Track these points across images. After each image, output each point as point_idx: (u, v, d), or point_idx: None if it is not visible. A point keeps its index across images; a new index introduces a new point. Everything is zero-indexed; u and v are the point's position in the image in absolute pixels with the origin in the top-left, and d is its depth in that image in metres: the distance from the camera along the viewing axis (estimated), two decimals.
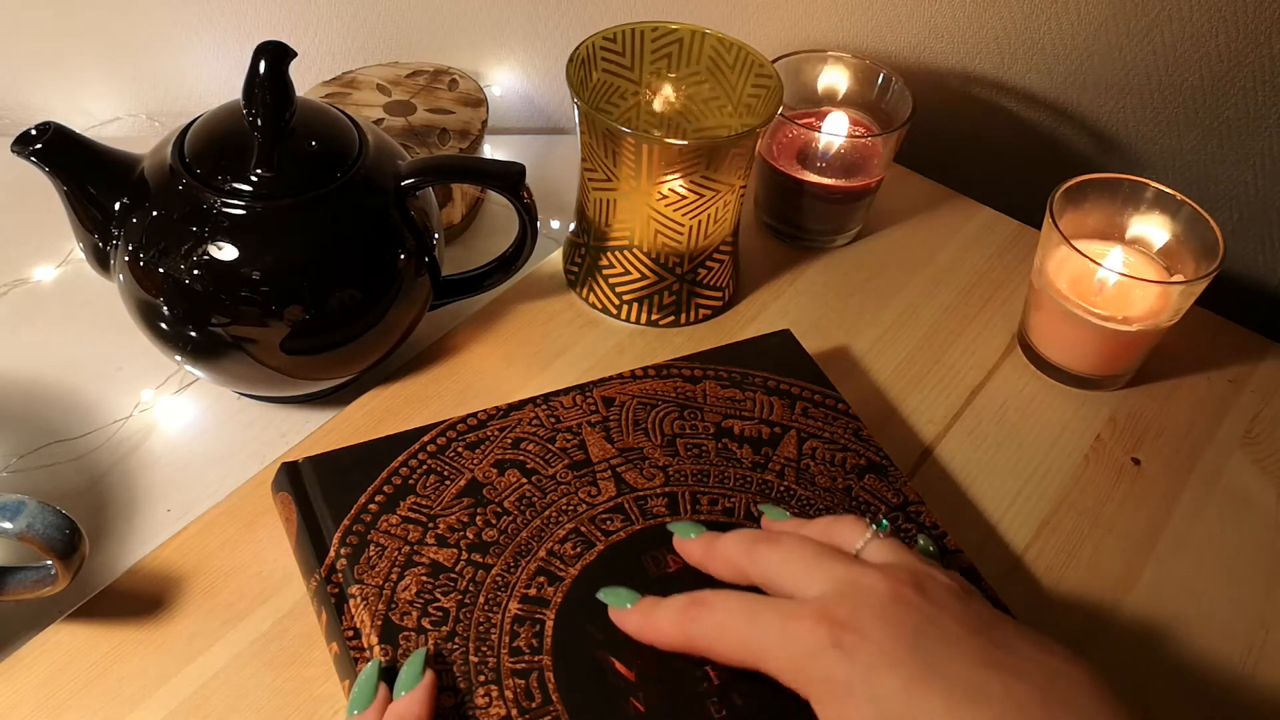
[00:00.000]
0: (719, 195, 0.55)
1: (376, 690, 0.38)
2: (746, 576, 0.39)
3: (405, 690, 0.37)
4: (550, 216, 0.68)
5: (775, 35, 0.72)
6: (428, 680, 0.37)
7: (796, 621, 0.35)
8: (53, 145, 0.47)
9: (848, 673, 0.33)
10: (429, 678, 0.38)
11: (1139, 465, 0.55)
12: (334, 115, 0.51)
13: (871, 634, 0.34)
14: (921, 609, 0.35)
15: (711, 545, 0.41)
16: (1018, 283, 0.64)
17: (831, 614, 0.35)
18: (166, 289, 0.47)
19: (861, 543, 0.38)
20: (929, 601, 0.35)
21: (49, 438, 0.52)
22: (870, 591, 0.35)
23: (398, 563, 0.42)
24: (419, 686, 0.37)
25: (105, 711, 0.41)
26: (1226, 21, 0.64)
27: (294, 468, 0.45)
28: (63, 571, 0.40)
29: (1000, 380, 0.58)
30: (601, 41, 0.57)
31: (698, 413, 0.49)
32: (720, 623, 0.37)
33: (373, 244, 0.49)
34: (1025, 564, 0.50)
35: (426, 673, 0.38)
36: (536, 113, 0.77)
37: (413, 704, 0.37)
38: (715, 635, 0.37)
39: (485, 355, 0.57)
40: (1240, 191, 0.70)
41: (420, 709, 0.37)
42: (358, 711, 0.37)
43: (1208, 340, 0.61)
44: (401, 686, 0.37)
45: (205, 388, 0.55)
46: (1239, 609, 0.49)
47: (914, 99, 0.62)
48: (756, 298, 0.62)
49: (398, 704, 0.37)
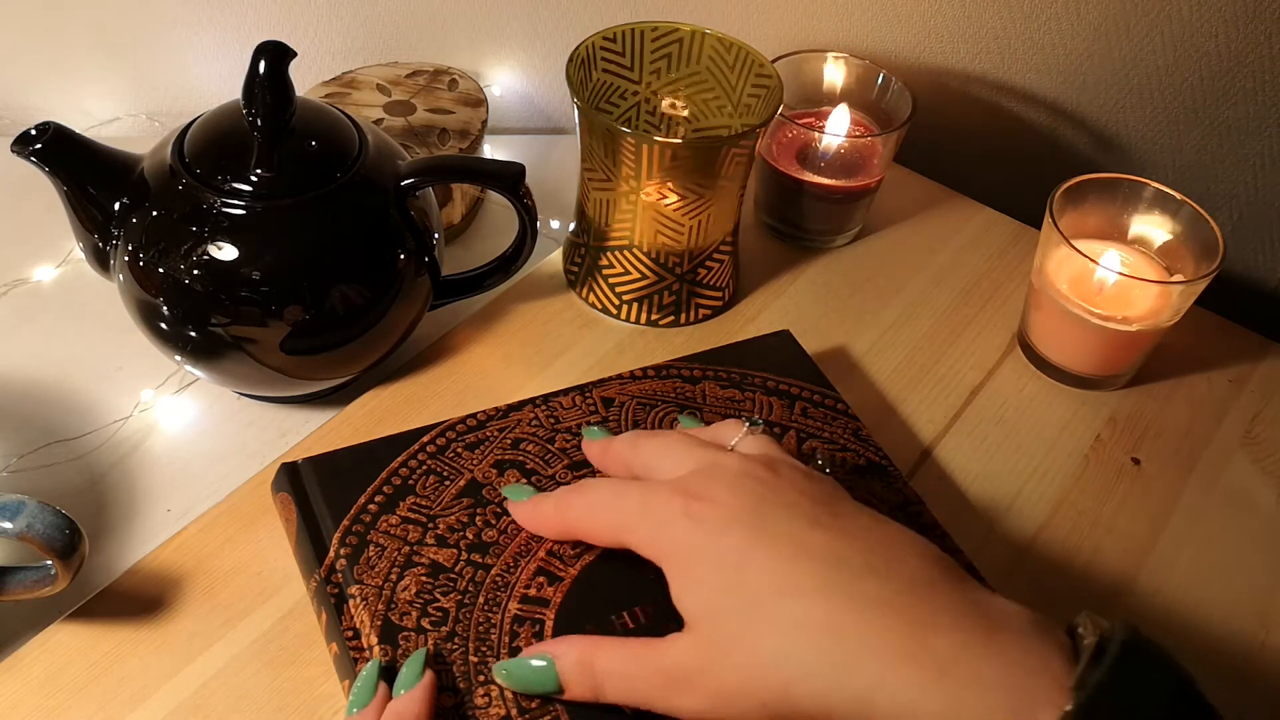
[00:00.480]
0: (719, 195, 0.55)
1: (376, 690, 0.38)
2: (629, 466, 0.42)
3: (405, 689, 0.37)
4: (550, 216, 0.68)
5: (775, 35, 0.72)
6: (427, 680, 0.38)
7: (655, 494, 0.38)
8: (53, 145, 0.47)
9: (695, 536, 0.36)
10: (429, 677, 0.38)
11: (1139, 465, 0.55)
12: (334, 115, 0.51)
13: (719, 500, 0.36)
14: (767, 481, 0.37)
15: (608, 444, 0.44)
16: (1018, 283, 0.64)
17: (687, 487, 0.37)
18: (166, 289, 0.47)
19: (736, 438, 0.41)
20: (776, 475, 0.38)
21: (49, 438, 0.52)
22: (725, 469, 0.38)
23: (397, 563, 0.42)
24: (418, 686, 0.37)
25: (105, 711, 0.41)
26: (1226, 21, 0.64)
27: (294, 468, 0.45)
28: (63, 571, 0.40)
29: (1000, 380, 0.58)
30: (601, 41, 0.57)
31: (697, 413, 0.49)
32: (590, 503, 0.40)
33: (373, 244, 0.49)
34: (1025, 564, 0.50)
35: (426, 672, 0.38)
36: (536, 113, 0.77)
37: (412, 703, 0.37)
38: (587, 515, 0.40)
39: (485, 355, 0.57)
40: (1240, 191, 0.70)
41: (419, 708, 0.37)
42: (358, 710, 0.37)
43: (1208, 340, 0.61)
44: (401, 686, 0.38)
45: (205, 388, 0.55)
46: (1239, 609, 0.49)
47: (914, 99, 0.62)
48: (756, 298, 0.62)
49: (396, 703, 0.37)
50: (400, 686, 0.38)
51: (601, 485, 0.41)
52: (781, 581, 0.34)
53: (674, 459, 0.40)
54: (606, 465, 0.44)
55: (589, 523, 0.40)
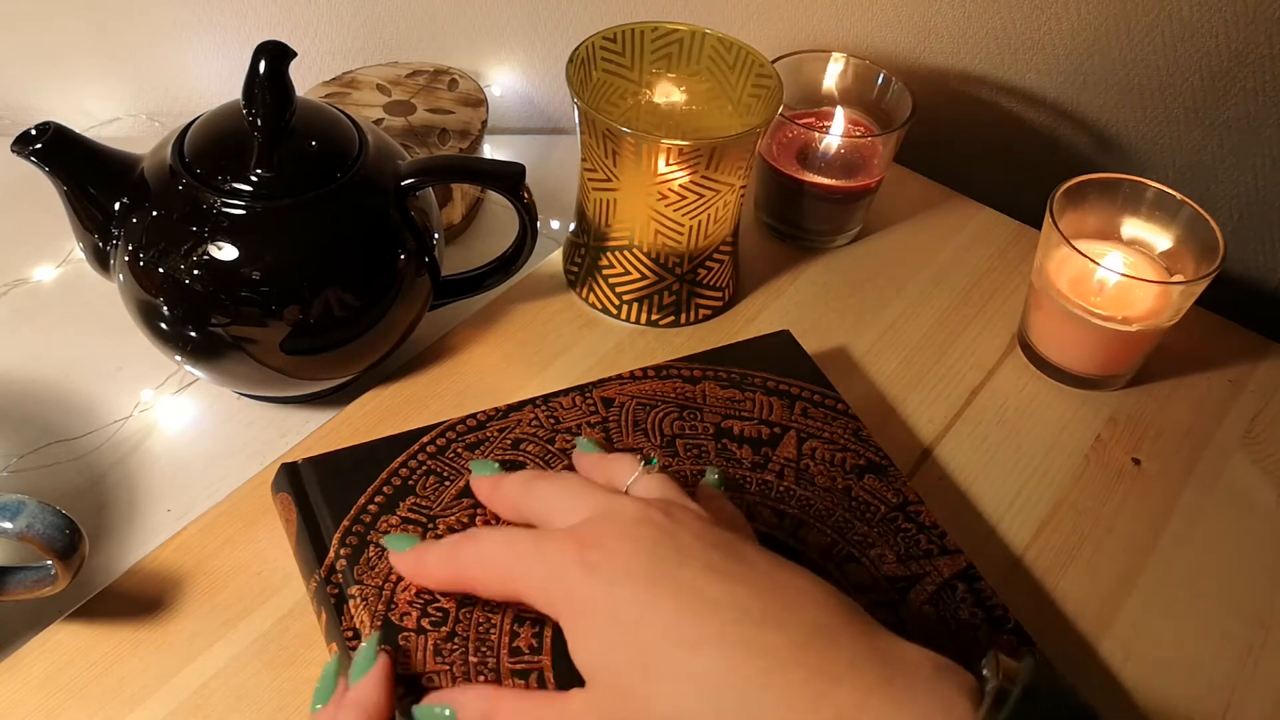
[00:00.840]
0: (719, 195, 0.55)
1: (336, 685, 0.38)
2: (520, 511, 0.40)
3: (360, 676, 0.37)
4: (550, 216, 0.68)
5: (775, 35, 0.72)
6: (382, 663, 0.38)
7: (548, 544, 0.36)
8: (53, 145, 0.47)
9: (590, 588, 0.35)
10: (383, 661, 0.38)
11: (1139, 465, 0.55)
12: (334, 115, 0.51)
13: (614, 549, 0.35)
14: (664, 527, 0.36)
15: (497, 484, 0.42)
16: (1018, 283, 0.64)
17: (580, 535, 0.36)
18: (166, 289, 0.47)
19: (631, 479, 0.40)
20: (672, 521, 0.36)
21: (49, 438, 0.52)
22: (620, 516, 0.36)
23: None
24: (373, 670, 0.37)
25: (105, 711, 0.41)
26: (1226, 21, 0.64)
27: (294, 468, 0.45)
28: (63, 571, 0.40)
29: (1000, 380, 0.58)
30: (601, 41, 0.57)
31: (697, 413, 0.49)
32: (482, 553, 0.38)
33: (373, 244, 0.49)
34: (1025, 564, 0.50)
35: (380, 656, 0.38)
36: (536, 113, 0.77)
37: (369, 689, 0.37)
38: (478, 566, 0.38)
39: (485, 355, 0.57)
40: (1240, 191, 0.70)
41: (376, 693, 0.37)
42: (321, 706, 0.37)
43: (1208, 340, 0.61)
44: (356, 673, 0.37)
45: (205, 388, 0.55)
46: (1239, 609, 0.49)
47: (914, 99, 0.62)
48: (756, 298, 0.62)
49: (354, 690, 0.37)
50: (355, 674, 0.37)
51: (493, 535, 0.38)
52: (679, 634, 0.33)
53: (567, 504, 0.38)
54: (496, 506, 0.42)
55: (478, 573, 0.38)
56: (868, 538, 0.45)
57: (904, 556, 0.45)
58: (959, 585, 0.44)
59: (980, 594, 0.44)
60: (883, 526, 0.46)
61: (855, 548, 0.45)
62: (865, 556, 0.44)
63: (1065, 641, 0.47)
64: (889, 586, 0.44)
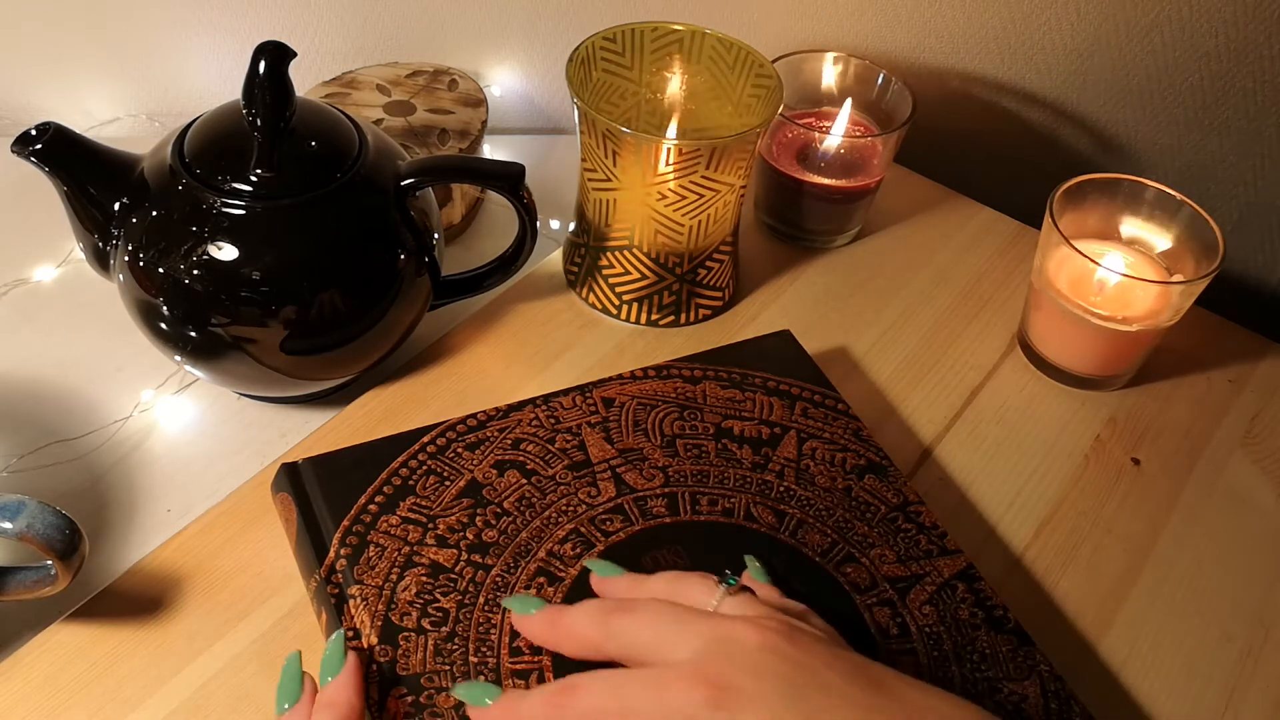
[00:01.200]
0: (719, 195, 0.55)
1: (302, 683, 0.38)
2: (602, 651, 0.36)
3: (331, 676, 0.37)
4: (550, 216, 0.68)
5: (775, 35, 0.72)
6: (351, 662, 0.37)
7: (668, 689, 0.32)
8: (53, 145, 0.47)
9: None
10: (352, 659, 0.37)
11: (1139, 465, 0.55)
12: (334, 115, 0.51)
13: (748, 689, 0.32)
14: (793, 658, 0.33)
15: (556, 621, 0.37)
16: (1018, 283, 0.64)
17: (704, 673, 0.32)
18: (166, 289, 0.47)
19: (716, 599, 0.36)
20: (800, 650, 0.33)
21: (49, 438, 0.52)
22: (739, 645, 0.33)
23: (398, 563, 0.42)
24: (344, 670, 0.37)
25: (105, 711, 0.41)
26: (1226, 22, 0.64)
27: (294, 468, 0.45)
28: (63, 571, 0.40)
29: (1000, 380, 0.58)
30: (601, 41, 0.57)
31: (698, 413, 0.49)
32: (589, 708, 0.33)
33: (373, 244, 0.49)
34: (1025, 564, 0.50)
35: (349, 655, 0.38)
36: (536, 113, 0.77)
37: (340, 689, 0.37)
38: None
39: (485, 355, 0.57)
40: (1240, 191, 0.70)
41: (347, 692, 0.36)
42: (289, 706, 0.37)
43: (1208, 340, 0.61)
44: (326, 673, 0.37)
45: (205, 388, 0.55)
46: (1239, 609, 0.49)
47: (914, 99, 0.62)
48: (756, 298, 0.62)
49: (325, 691, 0.37)
50: (325, 674, 0.37)
51: (597, 686, 0.34)
52: None
53: (669, 638, 0.34)
54: (562, 647, 0.37)
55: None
56: (868, 538, 0.45)
57: (904, 556, 0.45)
58: (959, 585, 0.44)
59: (980, 594, 0.44)
60: (883, 526, 0.46)
61: (855, 548, 0.45)
62: (865, 556, 0.44)
63: (1065, 641, 0.47)
64: (889, 586, 0.44)
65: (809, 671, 0.32)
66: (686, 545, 0.43)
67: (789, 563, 0.44)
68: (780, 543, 0.44)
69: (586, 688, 0.34)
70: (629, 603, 0.36)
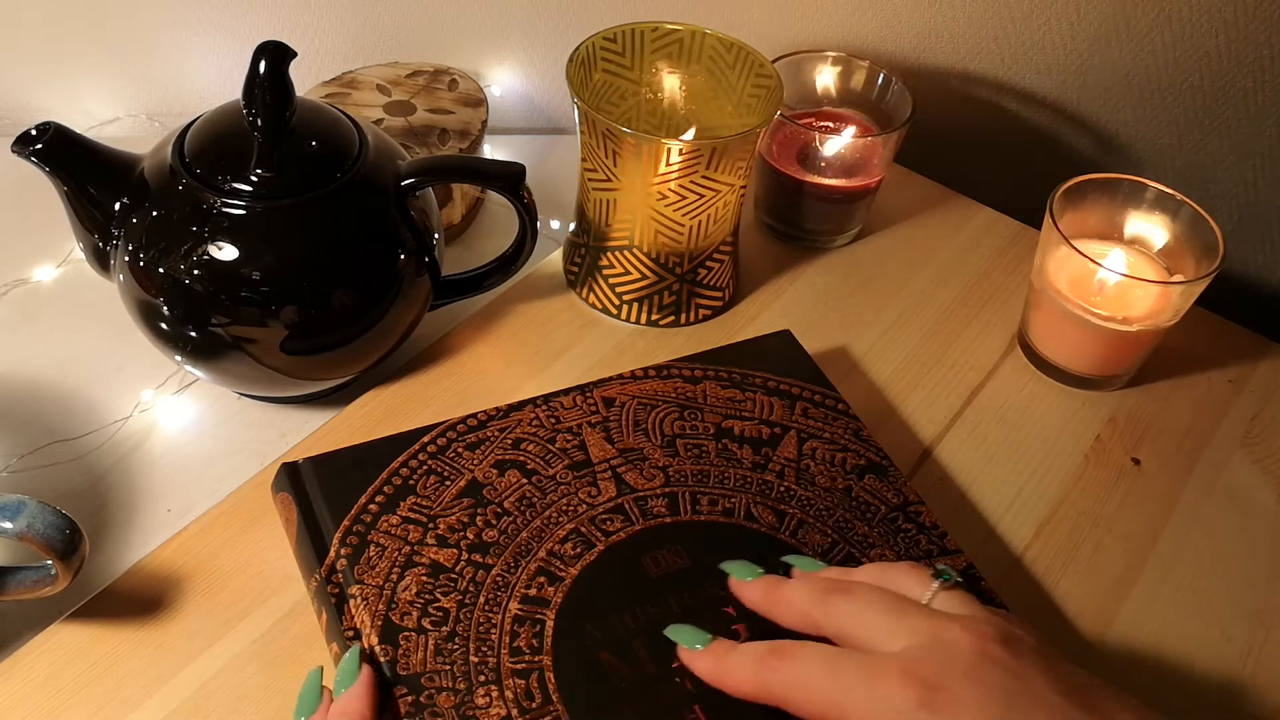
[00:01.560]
0: (719, 195, 0.55)
1: (320, 696, 0.38)
2: (817, 626, 0.37)
3: (344, 688, 0.37)
4: (550, 216, 0.68)
5: (775, 35, 0.72)
6: (365, 675, 0.38)
7: (882, 679, 0.33)
8: (53, 145, 0.47)
9: None
10: (366, 673, 0.38)
11: (1139, 465, 0.55)
12: (334, 115, 0.51)
13: (961, 695, 0.32)
14: (1010, 667, 0.33)
15: (775, 590, 0.39)
16: (1018, 283, 0.64)
17: (918, 672, 0.33)
18: (166, 289, 0.47)
19: (929, 594, 0.37)
20: (1017, 660, 0.34)
21: (49, 438, 0.52)
22: (956, 648, 0.34)
23: (398, 563, 0.42)
24: (357, 682, 0.37)
25: (105, 711, 0.41)
26: (1226, 22, 0.64)
27: (294, 468, 0.45)
28: (63, 571, 0.40)
29: (1000, 380, 0.58)
30: (601, 41, 0.57)
31: (698, 413, 0.49)
32: (801, 673, 0.35)
33: (372, 244, 0.49)
34: (1025, 564, 0.50)
35: (363, 668, 0.38)
36: (536, 113, 0.77)
37: (353, 700, 0.37)
38: (795, 687, 0.35)
39: (485, 355, 0.57)
40: (1240, 191, 0.70)
41: (360, 704, 0.37)
42: (306, 717, 0.37)
43: (1208, 340, 0.61)
44: (340, 685, 0.38)
45: (205, 388, 0.55)
46: (1239, 609, 0.49)
47: (914, 99, 0.62)
48: (756, 298, 0.62)
49: (338, 702, 0.37)
50: (339, 686, 0.38)
51: (811, 653, 0.35)
52: None
53: (884, 626, 0.35)
54: (777, 614, 0.38)
55: (799, 697, 0.35)
56: (868, 538, 0.45)
57: (904, 556, 0.45)
58: None
59: (980, 594, 0.44)
60: (883, 527, 0.46)
61: (855, 548, 0.45)
62: (865, 557, 0.44)
63: (1065, 641, 0.47)
64: None
65: (1024, 682, 0.33)
66: (687, 545, 0.43)
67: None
68: (780, 542, 0.44)
69: (800, 656, 0.35)
70: (847, 584, 0.38)
